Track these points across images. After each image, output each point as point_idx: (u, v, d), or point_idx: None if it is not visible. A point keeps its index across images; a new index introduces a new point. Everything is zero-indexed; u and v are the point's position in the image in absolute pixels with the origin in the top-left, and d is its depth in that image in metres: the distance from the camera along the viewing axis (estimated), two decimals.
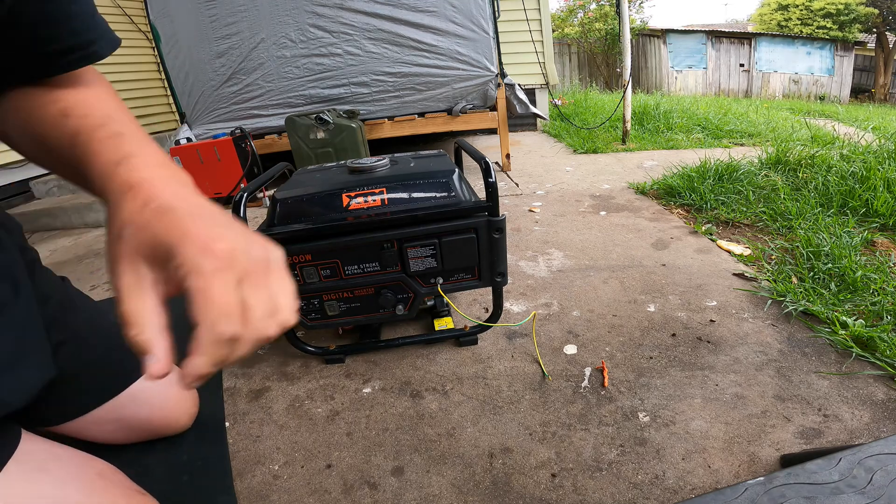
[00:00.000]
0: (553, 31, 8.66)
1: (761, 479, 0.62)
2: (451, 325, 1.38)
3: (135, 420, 0.98)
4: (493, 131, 4.82)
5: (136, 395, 0.98)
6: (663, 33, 12.20)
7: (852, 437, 0.91)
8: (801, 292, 1.37)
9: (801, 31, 13.37)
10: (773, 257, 1.65)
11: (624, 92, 3.82)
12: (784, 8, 14.27)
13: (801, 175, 2.34)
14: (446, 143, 4.73)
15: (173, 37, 3.11)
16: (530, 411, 1.06)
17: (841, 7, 13.16)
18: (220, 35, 3.04)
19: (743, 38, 12.79)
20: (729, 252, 1.74)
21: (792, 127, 4.36)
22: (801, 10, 13.84)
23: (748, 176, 2.40)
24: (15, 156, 3.41)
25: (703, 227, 1.96)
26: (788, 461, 0.84)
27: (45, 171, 3.63)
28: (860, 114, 7.43)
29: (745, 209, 2.07)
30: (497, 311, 1.28)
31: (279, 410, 1.13)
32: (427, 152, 1.40)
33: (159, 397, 1.02)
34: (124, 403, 0.96)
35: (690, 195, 2.27)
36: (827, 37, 13.01)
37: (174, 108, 4.46)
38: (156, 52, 4.26)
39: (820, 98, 12.62)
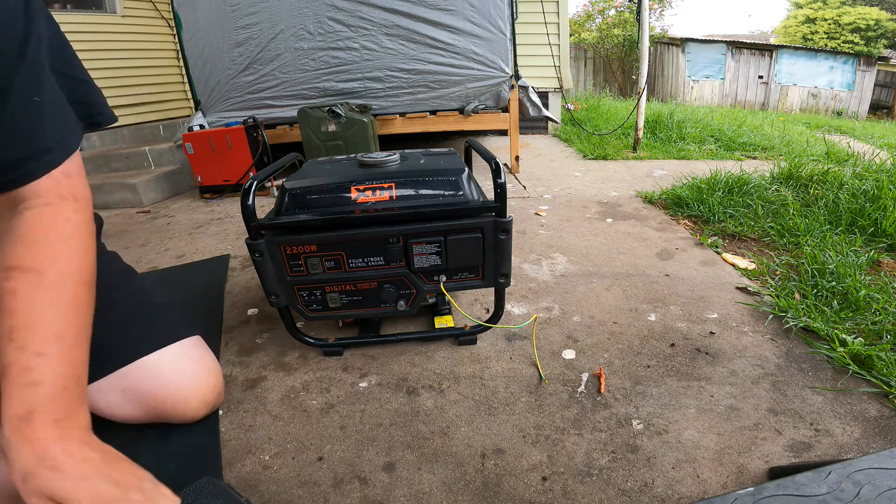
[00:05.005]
0: (570, 35, 8.63)
1: (751, 489, 0.62)
2: (451, 324, 1.39)
3: (140, 392, 0.96)
4: (503, 132, 4.83)
5: (146, 366, 0.97)
6: (682, 42, 12.12)
7: (841, 452, 0.91)
8: (802, 308, 1.37)
9: (827, 45, 13.22)
10: (777, 273, 1.64)
11: (638, 99, 3.80)
12: (811, 21, 14.14)
13: (812, 191, 2.33)
14: (456, 142, 4.74)
15: (195, 24, 3.15)
16: (525, 414, 1.06)
17: (871, 23, 13.01)
18: (241, 24, 3.08)
19: (764, 49, 12.67)
20: (734, 265, 1.73)
21: (807, 142, 4.32)
22: (830, 24, 13.69)
23: (758, 190, 2.39)
24: None
25: (710, 240, 1.95)
26: (776, 473, 0.84)
27: None
28: (876, 130, 7.36)
29: (752, 223, 2.06)
30: (498, 313, 1.28)
31: (274, 401, 1.15)
32: (437, 150, 1.40)
33: (169, 371, 0.99)
34: (131, 372, 0.96)
35: (699, 206, 2.27)
36: (851, 51, 12.86)
37: (190, 96, 4.51)
38: (176, 40, 4.32)
39: (837, 113, 12.49)
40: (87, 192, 0.76)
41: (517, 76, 3.25)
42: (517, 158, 3.40)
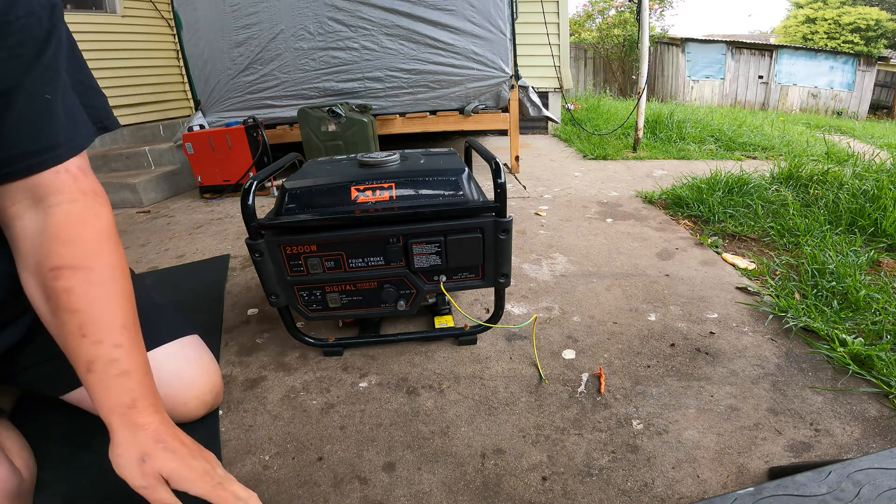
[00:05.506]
0: (570, 35, 8.63)
1: (751, 489, 0.62)
2: (451, 324, 1.39)
3: None
4: (503, 132, 4.83)
5: None
6: (682, 42, 12.12)
7: (841, 452, 0.91)
8: (802, 308, 1.37)
9: (827, 45, 13.22)
10: (777, 273, 1.64)
11: (638, 99, 3.80)
12: (811, 21, 14.15)
13: (812, 191, 2.33)
14: (456, 142, 4.74)
15: (195, 24, 3.15)
16: (525, 414, 1.06)
17: (871, 23, 13.02)
18: (241, 24, 3.08)
19: (764, 49, 12.66)
20: (734, 265, 1.73)
21: (807, 142, 4.32)
22: (830, 24, 13.71)
23: (758, 190, 2.39)
24: None
25: (710, 240, 1.95)
26: (776, 473, 0.84)
27: None
28: (876, 130, 7.36)
29: (752, 223, 2.06)
30: (498, 313, 1.28)
31: (274, 401, 1.15)
32: (437, 150, 1.40)
33: (166, 371, 0.98)
34: None
35: (699, 206, 2.27)
36: (851, 52, 12.85)
37: (189, 96, 4.51)
38: (176, 40, 4.32)
39: (837, 113, 12.49)
40: (103, 189, 0.78)
41: (517, 76, 3.25)
42: (517, 158, 3.40)
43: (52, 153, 0.69)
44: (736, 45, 12.45)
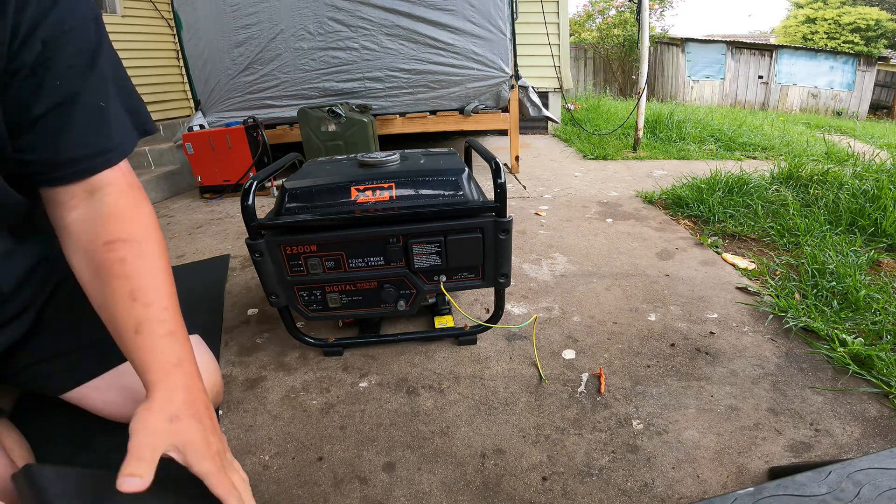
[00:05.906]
0: (570, 35, 8.63)
1: (751, 489, 0.62)
2: (451, 324, 1.39)
3: (137, 391, 0.95)
4: (503, 132, 4.83)
5: None
6: (682, 42, 12.11)
7: (841, 452, 0.92)
8: (802, 308, 1.37)
9: (827, 45, 13.23)
10: (777, 273, 1.64)
11: (638, 100, 3.80)
12: (812, 21, 14.17)
13: (812, 191, 2.33)
14: (457, 142, 4.74)
15: (195, 24, 3.15)
16: (525, 414, 1.06)
17: (871, 23, 13.03)
18: (241, 25, 3.08)
19: (764, 49, 12.66)
20: (734, 265, 1.73)
21: (807, 142, 4.32)
22: (830, 24, 13.73)
23: (758, 190, 2.39)
24: None
25: (710, 240, 1.95)
26: (776, 473, 0.84)
27: None
28: (876, 130, 7.36)
29: (752, 223, 2.06)
30: (498, 313, 1.28)
31: (274, 401, 1.15)
32: (437, 150, 1.40)
33: None
34: (128, 370, 0.95)
35: (699, 206, 2.27)
36: (851, 52, 12.86)
37: (190, 96, 4.51)
38: (176, 40, 4.32)
39: (837, 113, 12.48)
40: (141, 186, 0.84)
41: (517, 76, 3.25)
42: (517, 158, 3.40)
43: (106, 156, 0.75)
44: (736, 45, 12.45)
